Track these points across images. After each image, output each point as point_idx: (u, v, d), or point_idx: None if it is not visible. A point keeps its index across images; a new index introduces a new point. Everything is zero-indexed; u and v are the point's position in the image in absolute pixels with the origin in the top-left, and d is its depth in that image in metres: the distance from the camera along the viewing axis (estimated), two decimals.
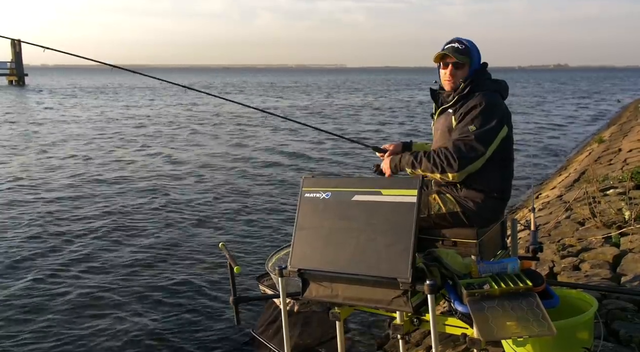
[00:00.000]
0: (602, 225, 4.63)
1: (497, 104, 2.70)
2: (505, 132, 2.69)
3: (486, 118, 2.62)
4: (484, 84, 2.76)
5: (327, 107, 30.45)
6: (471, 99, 2.70)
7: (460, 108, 2.72)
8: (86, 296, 5.11)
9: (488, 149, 2.62)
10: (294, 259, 2.57)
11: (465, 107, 2.70)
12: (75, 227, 7.30)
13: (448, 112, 2.80)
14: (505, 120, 2.70)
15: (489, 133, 2.62)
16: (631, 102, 30.42)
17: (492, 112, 2.65)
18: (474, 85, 2.74)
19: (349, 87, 60.05)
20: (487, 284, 2.29)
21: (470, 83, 2.74)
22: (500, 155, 2.71)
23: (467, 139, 2.60)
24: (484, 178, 2.69)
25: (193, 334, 4.38)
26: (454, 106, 2.77)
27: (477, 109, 2.65)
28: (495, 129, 2.63)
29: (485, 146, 2.61)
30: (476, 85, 2.74)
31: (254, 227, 7.32)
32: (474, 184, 2.71)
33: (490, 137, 2.62)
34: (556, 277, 3.73)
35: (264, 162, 12.51)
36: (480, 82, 2.76)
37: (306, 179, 2.69)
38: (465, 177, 2.66)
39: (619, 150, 9.95)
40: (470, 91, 2.73)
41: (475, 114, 2.64)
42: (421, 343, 3.46)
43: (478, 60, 2.81)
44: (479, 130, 2.61)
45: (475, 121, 2.62)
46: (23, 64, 57.30)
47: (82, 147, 14.78)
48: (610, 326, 2.88)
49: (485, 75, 2.82)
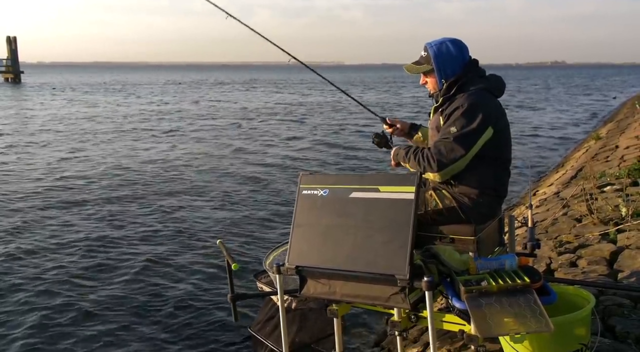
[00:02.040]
0: (599, 222, 4.64)
1: (481, 104, 2.67)
2: (492, 132, 2.67)
3: (467, 119, 2.63)
4: (472, 83, 2.74)
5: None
6: (455, 100, 2.72)
7: (447, 109, 2.73)
8: (84, 295, 5.11)
9: (470, 150, 2.63)
10: (291, 256, 2.56)
11: (450, 108, 2.72)
12: (73, 227, 7.28)
13: (438, 112, 2.82)
14: (490, 119, 2.67)
15: (470, 134, 2.63)
16: (628, 98, 30.49)
17: (473, 113, 2.64)
18: (460, 84, 2.74)
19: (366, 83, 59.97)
20: (485, 281, 2.29)
21: (455, 83, 2.75)
22: (492, 153, 2.71)
23: (447, 141, 2.64)
24: (476, 175, 2.70)
25: (190, 331, 4.38)
26: (441, 106, 2.79)
27: (459, 110, 2.65)
28: (477, 130, 2.63)
29: (465, 148, 2.62)
30: (463, 85, 2.74)
31: (252, 224, 7.32)
32: (466, 181, 2.72)
33: (470, 139, 2.63)
34: (553, 273, 3.74)
35: (262, 159, 12.51)
36: (467, 81, 2.75)
37: (304, 176, 2.68)
38: (455, 174, 2.69)
39: (616, 147, 9.97)
40: (456, 91, 2.74)
41: (457, 116, 2.65)
42: (419, 340, 3.47)
43: (452, 63, 2.77)
44: (458, 132, 2.62)
45: (456, 123, 2.64)
46: (19, 61, 57.05)
47: (77, 145, 14.75)
48: (607, 322, 2.89)
49: (473, 74, 2.78)
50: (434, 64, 2.78)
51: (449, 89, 2.76)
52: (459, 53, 2.79)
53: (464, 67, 2.78)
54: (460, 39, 2.85)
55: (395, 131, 3.16)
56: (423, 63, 2.84)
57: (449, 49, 2.78)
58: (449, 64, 2.78)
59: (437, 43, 2.81)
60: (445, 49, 2.78)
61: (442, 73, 2.78)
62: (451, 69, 2.77)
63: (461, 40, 2.84)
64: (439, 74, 2.79)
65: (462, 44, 2.82)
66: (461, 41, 2.84)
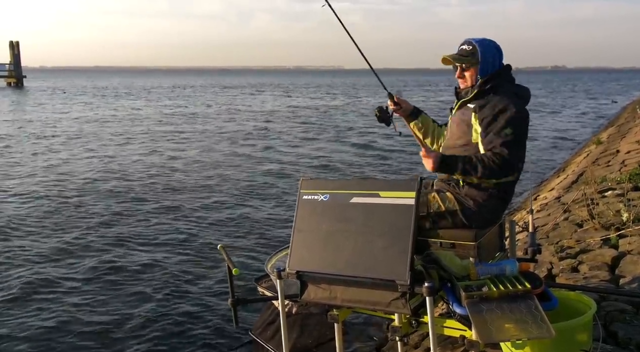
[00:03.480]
0: (600, 227, 4.63)
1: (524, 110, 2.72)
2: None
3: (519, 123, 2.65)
4: (505, 86, 2.77)
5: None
6: (495, 100, 2.69)
7: (484, 107, 2.69)
8: (82, 299, 5.10)
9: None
10: (292, 261, 2.56)
11: (490, 107, 2.67)
12: (72, 228, 7.29)
13: (467, 107, 2.79)
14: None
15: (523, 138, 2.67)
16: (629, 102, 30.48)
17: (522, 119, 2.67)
18: (495, 83, 2.75)
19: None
20: (486, 286, 2.29)
21: (491, 80, 2.75)
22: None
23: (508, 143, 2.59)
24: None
25: (191, 335, 4.37)
26: (474, 100, 2.76)
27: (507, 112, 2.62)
28: (525, 134, 2.70)
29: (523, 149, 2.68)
30: (498, 85, 2.75)
31: (253, 229, 7.32)
32: (475, 183, 2.69)
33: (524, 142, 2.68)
34: (555, 279, 3.73)
35: (262, 164, 12.51)
36: (502, 83, 2.76)
37: (304, 181, 2.68)
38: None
39: (617, 151, 9.96)
40: (491, 89, 2.74)
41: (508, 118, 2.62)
42: (419, 345, 3.46)
43: (493, 60, 2.80)
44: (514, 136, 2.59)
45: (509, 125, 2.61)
46: (21, 66, 57.22)
47: (79, 149, 14.78)
48: (608, 327, 2.88)
49: (508, 78, 2.82)
50: (480, 58, 2.77)
51: (484, 85, 2.75)
52: (499, 54, 2.83)
53: (501, 70, 2.81)
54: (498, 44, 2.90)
55: (397, 110, 3.17)
56: (467, 56, 2.80)
57: (492, 48, 2.82)
58: (491, 62, 2.79)
59: (481, 39, 2.83)
60: (490, 47, 2.81)
61: (484, 68, 2.78)
62: (492, 67, 2.79)
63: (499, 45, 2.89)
64: (482, 69, 2.77)
65: (500, 48, 2.86)
66: (500, 46, 2.88)
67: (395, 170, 11.84)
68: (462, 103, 2.84)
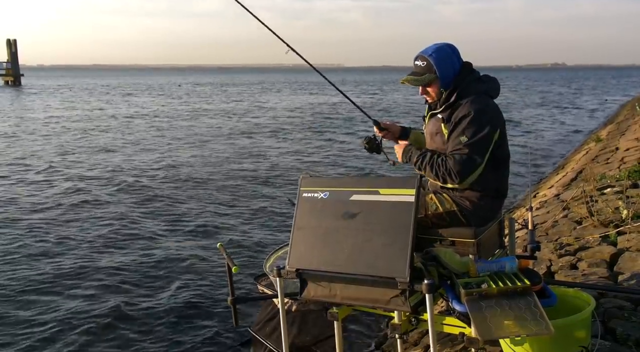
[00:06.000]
0: (599, 224, 4.64)
1: (486, 109, 2.66)
2: (498, 135, 2.67)
3: (477, 127, 2.60)
4: (470, 88, 2.71)
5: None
6: (459, 108, 2.66)
7: (451, 116, 2.68)
8: (83, 297, 5.11)
9: (484, 157, 2.62)
10: (292, 259, 2.56)
11: (455, 117, 2.66)
12: (72, 230, 7.29)
13: (437, 117, 2.78)
14: (497, 123, 2.67)
15: (482, 142, 2.61)
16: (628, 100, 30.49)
17: (481, 120, 2.62)
18: (460, 90, 2.70)
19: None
20: (485, 283, 2.29)
21: (455, 89, 2.70)
22: (497, 154, 2.70)
23: (462, 151, 2.60)
24: (479, 179, 2.69)
25: (191, 333, 4.38)
26: (443, 112, 2.75)
27: (466, 119, 2.62)
28: (488, 136, 2.62)
29: (481, 156, 2.61)
30: (462, 90, 2.70)
31: (252, 227, 7.32)
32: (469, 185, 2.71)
33: (484, 146, 2.61)
34: (554, 276, 3.73)
35: (262, 162, 12.51)
36: (466, 87, 2.70)
37: (304, 178, 2.68)
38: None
39: (616, 149, 9.97)
40: (457, 97, 2.69)
41: (465, 124, 2.61)
42: (419, 342, 3.47)
43: (452, 65, 2.73)
44: (470, 141, 2.59)
45: (466, 132, 2.60)
46: (19, 64, 57.08)
47: (79, 148, 14.76)
48: (607, 324, 2.88)
49: (470, 77, 2.75)
50: (438, 72, 2.70)
51: (449, 96, 2.71)
52: (456, 58, 2.76)
53: (461, 72, 2.75)
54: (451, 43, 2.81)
55: (387, 135, 3.08)
56: (423, 73, 2.74)
57: (446, 53, 2.74)
58: (450, 71, 2.72)
59: (434, 50, 2.74)
60: (444, 54, 2.73)
61: (445, 80, 2.71)
62: (452, 72, 2.73)
63: (453, 44, 2.81)
64: (443, 82, 2.71)
65: (455, 47, 2.79)
66: (453, 45, 2.80)
67: (394, 168, 11.83)
68: (432, 113, 2.84)
